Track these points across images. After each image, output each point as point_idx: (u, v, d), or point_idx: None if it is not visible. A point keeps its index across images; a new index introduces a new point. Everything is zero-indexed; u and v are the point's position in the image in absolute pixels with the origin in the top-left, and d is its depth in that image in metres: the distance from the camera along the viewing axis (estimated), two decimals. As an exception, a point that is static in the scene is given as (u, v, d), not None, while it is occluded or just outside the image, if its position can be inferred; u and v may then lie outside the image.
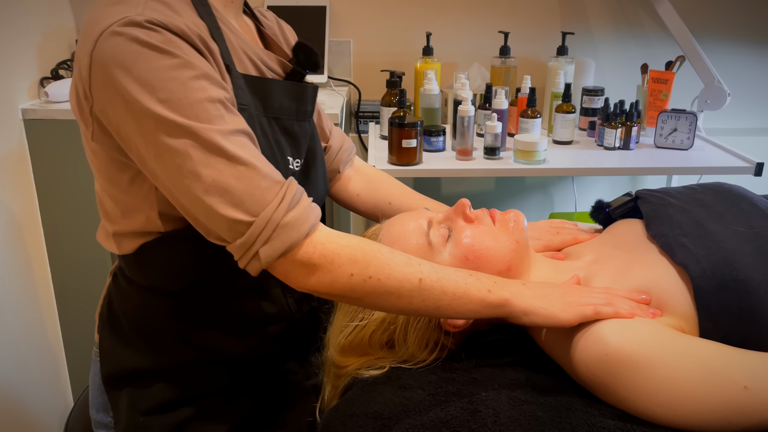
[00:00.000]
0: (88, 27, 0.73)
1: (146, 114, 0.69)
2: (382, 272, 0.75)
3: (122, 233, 0.85)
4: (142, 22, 0.70)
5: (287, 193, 0.73)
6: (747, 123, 2.21)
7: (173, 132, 0.70)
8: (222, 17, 0.82)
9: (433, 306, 0.77)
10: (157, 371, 0.89)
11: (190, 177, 0.70)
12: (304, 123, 0.91)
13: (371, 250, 0.76)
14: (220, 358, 0.91)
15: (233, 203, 0.71)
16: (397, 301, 0.76)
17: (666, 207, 0.91)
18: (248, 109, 0.81)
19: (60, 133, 1.60)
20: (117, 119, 0.72)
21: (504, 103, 1.65)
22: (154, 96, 0.69)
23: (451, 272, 0.78)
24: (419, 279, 0.76)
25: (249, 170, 0.71)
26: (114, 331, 0.91)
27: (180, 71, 0.70)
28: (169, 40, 0.71)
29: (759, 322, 0.76)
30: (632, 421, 0.71)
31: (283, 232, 0.72)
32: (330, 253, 0.74)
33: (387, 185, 1.13)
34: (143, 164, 0.74)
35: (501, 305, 0.78)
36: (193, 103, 0.70)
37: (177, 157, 0.70)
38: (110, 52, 0.69)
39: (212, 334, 0.90)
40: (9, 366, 1.59)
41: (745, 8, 2.07)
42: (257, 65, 0.86)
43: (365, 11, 2.03)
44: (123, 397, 0.90)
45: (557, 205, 2.28)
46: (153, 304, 0.88)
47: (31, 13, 1.64)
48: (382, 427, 0.74)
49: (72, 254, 1.71)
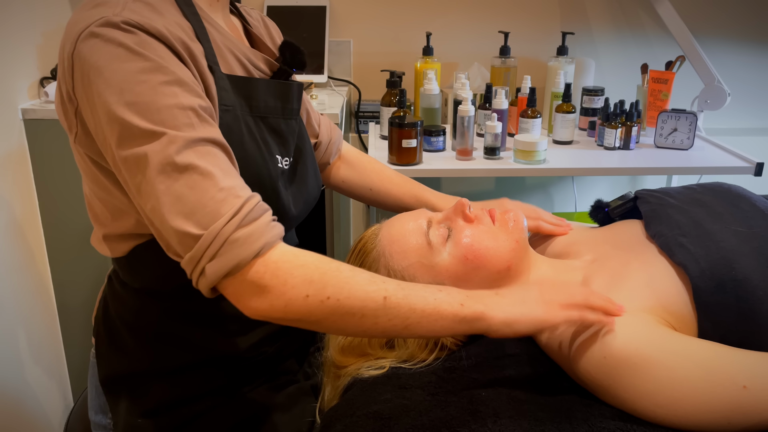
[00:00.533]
0: (70, 28, 0.72)
1: (113, 117, 0.68)
2: (341, 292, 0.69)
3: (113, 236, 0.85)
4: (119, 22, 0.69)
5: (243, 207, 0.69)
6: (747, 123, 2.20)
7: (135, 137, 0.68)
8: (207, 16, 0.81)
9: (401, 325, 0.71)
10: (153, 373, 0.89)
11: (147, 184, 0.68)
12: (291, 121, 0.90)
13: (329, 269, 0.70)
14: (216, 358, 0.91)
15: (184, 213, 0.67)
16: (360, 321, 0.70)
17: (665, 207, 0.91)
18: (233, 110, 0.80)
19: (60, 133, 1.60)
20: (94, 122, 0.72)
21: (504, 103, 1.65)
22: (122, 98, 0.68)
23: (419, 288, 0.73)
24: (383, 297, 0.70)
25: (206, 180, 0.68)
26: (110, 334, 0.91)
27: (151, 75, 0.69)
28: (144, 42, 0.70)
29: (758, 322, 0.76)
30: (632, 421, 0.71)
31: (230, 249, 0.67)
32: (282, 273, 0.68)
33: (368, 171, 1.14)
34: (117, 169, 0.73)
35: (477, 318, 0.73)
36: (161, 108, 0.69)
37: (138, 163, 0.68)
38: (87, 53, 0.69)
39: (207, 334, 0.90)
40: (9, 366, 1.59)
41: (745, 8, 2.07)
42: (244, 64, 0.85)
43: (365, 11, 2.03)
44: (121, 399, 0.90)
45: (557, 205, 2.28)
46: (147, 306, 0.88)
47: (31, 13, 1.64)
48: (382, 427, 0.74)
49: (72, 254, 1.71)
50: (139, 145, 0.68)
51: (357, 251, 0.92)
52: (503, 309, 0.74)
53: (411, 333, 0.73)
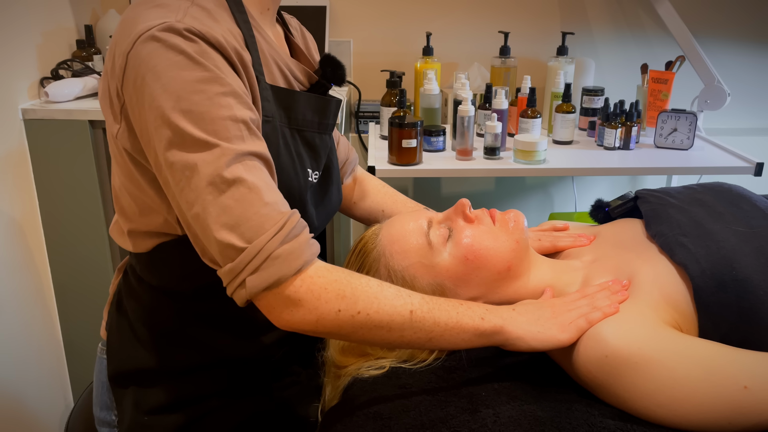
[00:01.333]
0: (127, 25, 0.72)
1: (166, 122, 0.69)
2: (371, 307, 0.72)
3: (138, 232, 0.85)
4: (182, 30, 0.69)
5: (287, 224, 0.70)
6: (747, 123, 2.21)
7: (187, 144, 0.69)
8: (257, 25, 0.82)
9: (425, 338, 0.75)
10: (162, 371, 0.89)
11: (194, 192, 0.69)
12: (325, 136, 0.91)
13: (359, 284, 0.73)
14: (225, 360, 0.92)
15: (228, 226, 0.69)
16: (387, 335, 0.73)
17: (665, 207, 0.91)
18: (272, 121, 0.80)
19: (60, 133, 1.60)
20: (141, 122, 0.72)
21: (504, 103, 1.65)
22: (178, 105, 0.69)
23: (442, 302, 0.76)
24: (410, 311, 0.73)
25: (252, 194, 0.70)
26: (122, 329, 0.91)
27: (209, 85, 0.70)
28: (204, 52, 0.70)
29: (758, 322, 0.76)
30: (632, 421, 0.71)
31: (273, 264, 0.69)
32: (317, 288, 0.71)
33: (381, 193, 1.14)
34: (158, 170, 0.74)
35: (495, 332, 0.76)
36: (215, 119, 0.70)
37: (186, 169, 0.69)
38: (146, 56, 0.69)
39: (220, 336, 0.90)
40: (9, 366, 1.59)
41: (745, 8, 2.07)
42: (285, 75, 0.86)
43: (365, 11, 2.03)
44: (128, 395, 0.90)
45: (557, 205, 2.28)
46: (162, 304, 0.88)
47: (31, 13, 1.64)
48: (382, 427, 0.74)
49: (72, 254, 1.71)
50: (190, 153, 0.69)
51: (357, 251, 0.92)
52: (521, 326, 0.77)
53: (433, 345, 0.76)
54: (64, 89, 1.63)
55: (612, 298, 0.79)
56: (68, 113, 1.59)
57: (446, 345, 0.76)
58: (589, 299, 0.80)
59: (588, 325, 0.76)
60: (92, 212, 1.66)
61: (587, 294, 0.82)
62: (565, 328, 0.77)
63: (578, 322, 0.77)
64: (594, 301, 0.79)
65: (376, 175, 1.55)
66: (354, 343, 0.86)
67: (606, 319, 0.76)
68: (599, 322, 0.76)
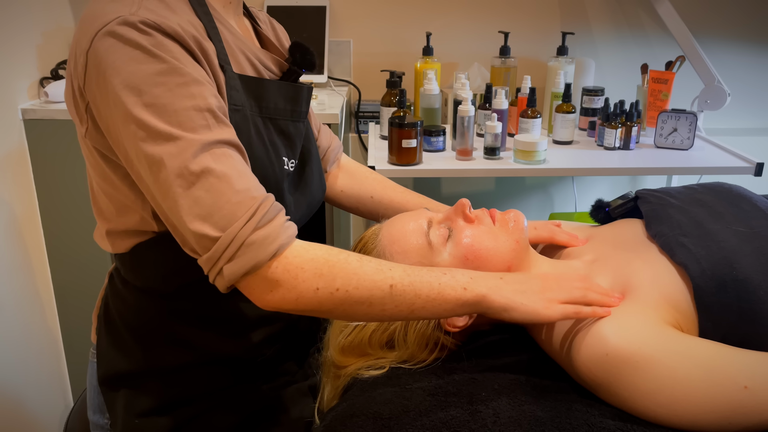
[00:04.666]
0: (85, 23, 0.73)
1: (130, 117, 0.69)
2: (350, 283, 0.72)
3: (116, 232, 0.85)
4: (136, 22, 0.69)
5: (259, 209, 0.71)
6: (747, 123, 2.20)
7: (153, 138, 0.69)
8: (220, 17, 0.82)
9: (407, 311, 0.74)
10: (152, 373, 0.89)
11: (164, 185, 0.69)
12: (299, 123, 0.91)
13: (338, 260, 0.73)
14: (215, 359, 0.91)
15: (201, 216, 0.69)
16: (368, 309, 0.73)
17: (666, 207, 0.91)
18: (242, 110, 0.80)
19: (60, 133, 1.60)
20: (107, 119, 0.72)
21: (504, 103, 1.65)
22: (140, 100, 0.69)
23: (424, 273, 0.75)
24: (390, 285, 0.73)
25: (221, 183, 0.69)
26: (110, 333, 0.91)
27: (169, 77, 0.70)
28: (161, 44, 0.70)
29: (759, 322, 0.76)
30: (632, 421, 0.71)
31: (248, 251, 0.69)
32: (293, 267, 0.71)
33: (369, 179, 1.13)
34: (130, 166, 0.74)
35: (478, 302, 0.75)
36: (178, 110, 0.69)
37: (153, 164, 0.69)
38: (104, 52, 0.69)
39: (207, 335, 0.90)
40: (9, 366, 1.58)
41: (745, 8, 2.07)
42: (254, 65, 0.86)
43: (365, 11, 2.03)
44: (119, 399, 0.90)
45: (557, 205, 2.28)
46: (147, 305, 0.88)
47: (31, 13, 1.64)
48: (382, 427, 0.74)
49: (72, 254, 1.71)
50: (157, 145, 0.69)
51: (357, 251, 0.92)
52: (504, 294, 0.76)
53: (416, 317, 0.76)
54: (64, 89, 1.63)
55: (605, 299, 0.78)
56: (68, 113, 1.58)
57: (429, 315, 0.76)
58: (584, 286, 0.79)
59: (575, 316, 0.76)
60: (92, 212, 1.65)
61: (586, 279, 0.81)
62: (550, 305, 0.76)
63: (567, 307, 0.76)
64: (591, 287, 0.79)
65: (376, 175, 1.55)
66: (336, 319, 0.85)
67: (607, 318, 0.76)
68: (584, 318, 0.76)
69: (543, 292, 0.77)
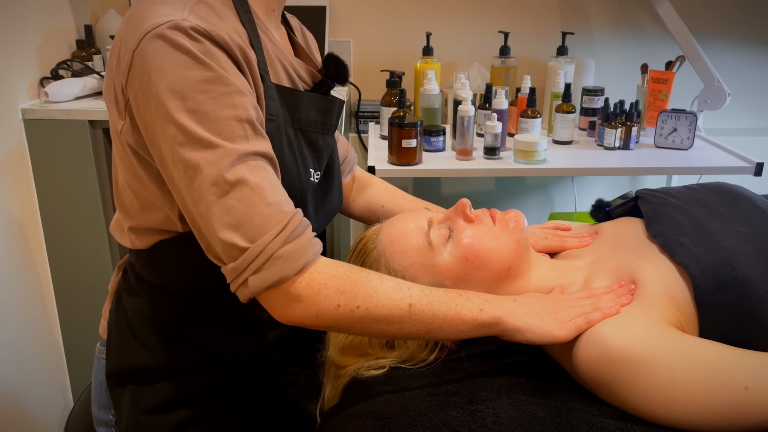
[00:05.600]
0: (133, 22, 0.73)
1: (171, 120, 0.69)
2: (370, 301, 0.73)
3: (139, 228, 0.85)
4: (187, 28, 0.70)
5: (289, 224, 0.71)
6: (747, 123, 2.21)
7: (191, 143, 0.69)
8: (262, 25, 0.82)
9: (424, 330, 0.75)
10: (160, 370, 0.89)
11: (197, 191, 0.70)
12: (328, 136, 0.91)
13: (359, 278, 0.74)
14: (223, 359, 0.91)
15: (231, 225, 0.70)
16: (386, 328, 0.74)
17: (666, 207, 0.91)
18: (276, 120, 0.80)
19: (60, 133, 1.60)
20: (146, 119, 0.73)
21: (504, 103, 1.65)
22: (183, 105, 0.69)
23: (441, 294, 0.77)
24: (409, 305, 0.74)
25: (255, 194, 0.70)
26: (121, 328, 0.91)
27: (213, 85, 0.70)
28: (209, 51, 0.71)
29: (759, 322, 0.76)
30: (632, 421, 0.71)
31: (275, 264, 0.70)
32: (317, 283, 0.72)
33: (381, 189, 1.14)
34: (163, 167, 0.74)
35: (494, 324, 0.77)
36: (219, 119, 0.70)
37: (189, 169, 0.70)
38: (151, 54, 0.70)
39: (219, 335, 0.90)
40: (9, 366, 1.58)
41: (745, 8, 2.07)
42: (290, 74, 0.86)
43: (365, 11, 2.03)
44: (125, 395, 0.90)
45: (557, 205, 2.28)
46: (161, 302, 0.88)
47: (30, 13, 1.64)
48: (382, 427, 0.74)
49: (72, 254, 1.70)
50: (195, 151, 0.69)
51: (357, 251, 0.92)
52: (519, 317, 0.78)
53: (432, 336, 0.77)
54: (64, 89, 1.63)
55: (616, 300, 0.79)
56: (68, 113, 1.59)
57: (445, 336, 0.77)
58: (593, 299, 0.80)
59: (587, 325, 0.77)
60: (92, 212, 1.66)
61: (593, 294, 0.82)
62: (563, 324, 0.77)
63: (578, 320, 0.77)
64: (598, 302, 0.79)
65: (376, 175, 1.55)
66: (355, 335, 0.86)
67: (608, 318, 0.76)
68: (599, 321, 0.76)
69: (555, 313, 0.79)
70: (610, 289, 0.82)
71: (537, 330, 0.77)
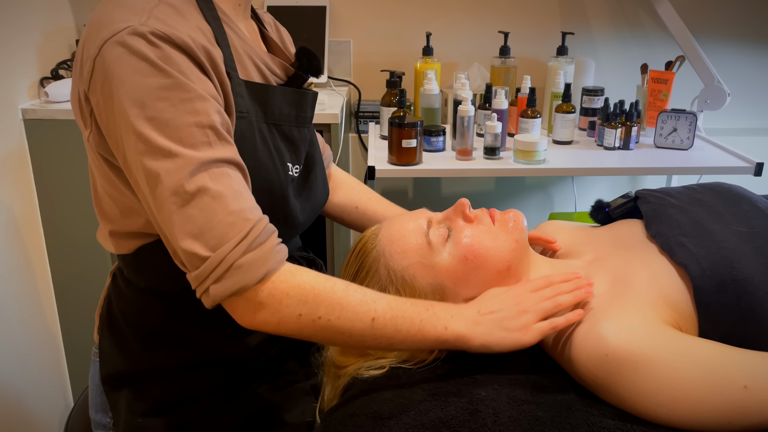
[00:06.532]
0: (94, 29, 0.72)
1: (131, 129, 0.69)
2: (332, 313, 0.73)
3: (120, 233, 0.85)
4: (146, 33, 0.69)
5: (251, 232, 0.71)
6: (747, 123, 2.20)
7: (152, 152, 0.69)
8: (228, 20, 0.81)
9: (386, 344, 0.76)
10: (155, 372, 0.89)
11: (159, 200, 0.70)
12: (304, 129, 0.91)
13: (323, 289, 0.74)
14: (218, 359, 0.91)
15: (192, 234, 0.69)
16: (348, 339, 0.75)
17: (666, 207, 0.91)
18: (248, 116, 0.80)
19: (60, 133, 1.60)
20: (109, 126, 0.72)
21: (504, 103, 1.65)
22: (143, 113, 0.69)
23: (408, 308, 0.77)
24: (372, 318, 0.74)
25: (216, 203, 0.69)
26: (113, 332, 0.91)
27: (173, 92, 0.70)
28: (169, 57, 0.70)
29: (758, 322, 0.76)
30: (632, 421, 0.71)
31: (236, 273, 0.70)
32: (279, 292, 0.72)
33: (356, 190, 1.13)
34: (129, 174, 0.74)
35: (458, 340, 0.78)
36: (180, 126, 0.69)
37: (151, 178, 0.70)
38: (110, 61, 0.69)
39: (210, 335, 0.90)
40: (9, 366, 1.59)
41: (744, 8, 2.07)
42: (261, 69, 0.85)
43: (365, 11, 2.03)
44: (122, 398, 0.90)
45: (557, 205, 2.28)
46: (151, 305, 0.88)
47: (31, 13, 1.64)
48: (382, 427, 0.74)
49: (72, 254, 1.71)
50: (156, 160, 0.69)
51: (357, 251, 0.92)
52: (483, 334, 0.78)
53: (394, 349, 0.80)
54: (64, 89, 1.63)
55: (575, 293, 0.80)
56: (68, 113, 1.59)
57: (408, 349, 0.79)
58: (553, 288, 0.81)
59: (551, 330, 0.78)
60: (92, 212, 1.64)
61: (552, 281, 0.83)
62: (528, 330, 0.78)
63: (542, 325, 0.78)
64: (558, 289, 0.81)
65: (376, 175, 1.55)
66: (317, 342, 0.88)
67: (607, 318, 0.76)
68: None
69: (518, 316, 0.79)
70: (566, 278, 0.83)
71: (503, 342, 0.78)
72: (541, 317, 0.79)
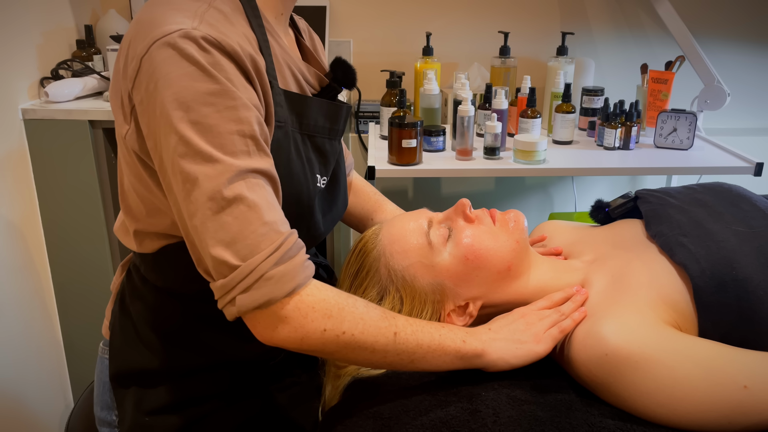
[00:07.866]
0: (143, 27, 0.72)
1: (173, 130, 0.69)
2: (356, 327, 0.73)
3: (144, 232, 0.85)
4: (198, 38, 0.69)
5: (283, 245, 0.70)
6: (747, 123, 2.21)
7: (192, 155, 0.69)
8: (272, 29, 0.81)
9: (407, 360, 0.76)
10: (165, 372, 0.89)
11: (194, 204, 0.69)
12: (335, 141, 0.91)
13: (346, 303, 0.74)
14: (227, 361, 0.91)
15: (225, 242, 0.69)
16: (370, 356, 0.75)
17: (666, 207, 0.91)
18: (285, 126, 0.80)
19: (60, 133, 1.60)
20: (150, 126, 0.72)
21: (504, 103, 1.65)
22: (187, 115, 0.68)
23: (425, 324, 0.78)
24: (394, 333, 0.75)
25: (251, 212, 0.69)
26: (125, 329, 0.91)
27: (220, 98, 0.69)
28: (218, 63, 0.70)
29: (758, 321, 0.76)
30: (632, 421, 0.71)
31: (265, 285, 0.69)
32: (305, 306, 0.71)
33: (373, 200, 1.14)
34: (162, 175, 0.74)
35: (477, 355, 0.79)
36: (223, 133, 0.69)
37: (188, 181, 0.69)
38: (159, 62, 0.69)
39: (221, 338, 0.90)
40: (9, 366, 1.59)
41: (744, 8, 2.07)
42: (298, 79, 0.85)
43: (365, 11, 2.03)
44: (129, 395, 0.90)
45: (557, 205, 2.28)
46: (166, 305, 0.88)
47: (30, 13, 1.64)
48: (382, 427, 0.74)
49: (72, 254, 1.71)
50: (195, 164, 0.69)
51: (357, 251, 0.92)
52: (500, 347, 0.80)
53: (415, 367, 0.78)
54: (64, 89, 1.63)
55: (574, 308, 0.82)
56: (68, 113, 1.59)
57: (428, 366, 0.78)
58: (555, 309, 0.83)
59: (561, 334, 0.80)
60: (92, 212, 1.66)
61: (554, 302, 0.85)
62: (540, 339, 0.80)
63: (552, 332, 0.80)
64: (560, 310, 0.83)
65: (376, 175, 1.55)
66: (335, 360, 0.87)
67: (606, 318, 0.76)
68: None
69: (528, 329, 0.82)
70: (567, 295, 0.85)
71: (518, 353, 0.80)
72: (549, 326, 0.81)
